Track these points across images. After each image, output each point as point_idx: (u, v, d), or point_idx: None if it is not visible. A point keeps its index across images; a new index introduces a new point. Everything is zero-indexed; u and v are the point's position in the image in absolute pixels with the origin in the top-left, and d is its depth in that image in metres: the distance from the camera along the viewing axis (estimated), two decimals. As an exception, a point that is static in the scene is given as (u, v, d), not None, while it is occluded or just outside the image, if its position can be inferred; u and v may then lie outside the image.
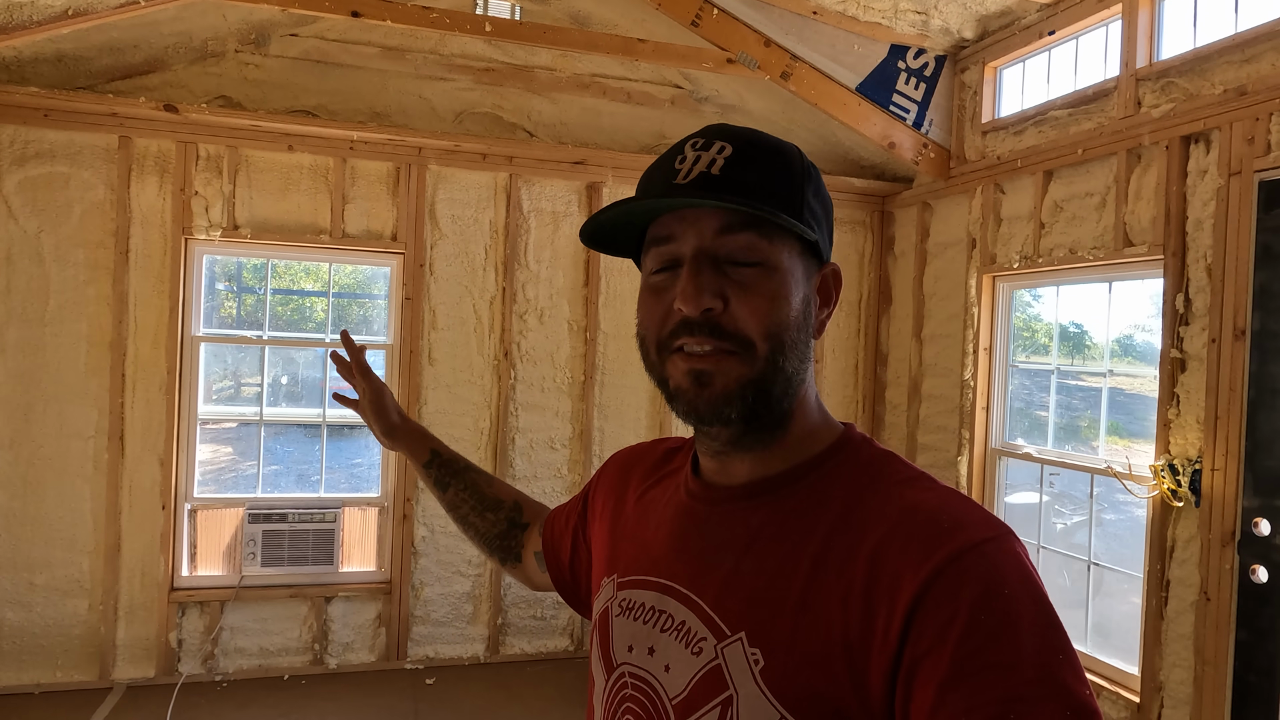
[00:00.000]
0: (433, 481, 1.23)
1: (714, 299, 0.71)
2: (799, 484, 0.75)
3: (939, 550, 0.62)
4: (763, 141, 0.75)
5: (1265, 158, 2.53)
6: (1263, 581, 2.48)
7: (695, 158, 0.74)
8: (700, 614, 0.73)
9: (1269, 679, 2.45)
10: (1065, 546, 3.44)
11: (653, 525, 0.85)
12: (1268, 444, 2.49)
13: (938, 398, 4.04)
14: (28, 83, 3.50)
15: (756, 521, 0.75)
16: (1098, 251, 3.15)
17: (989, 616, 0.59)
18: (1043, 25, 3.44)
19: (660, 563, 0.80)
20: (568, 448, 4.16)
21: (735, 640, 0.70)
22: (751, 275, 0.72)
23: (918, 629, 0.60)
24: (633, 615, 0.80)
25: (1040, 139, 3.46)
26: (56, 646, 3.57)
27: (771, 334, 0.72)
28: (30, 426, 3.53)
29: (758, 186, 0.72)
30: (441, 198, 3.98)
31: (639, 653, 0.77)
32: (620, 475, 0.97)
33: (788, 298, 0.72)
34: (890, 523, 0.67)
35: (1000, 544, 0.63)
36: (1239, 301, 2.60)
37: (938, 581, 0.61)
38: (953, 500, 0.68)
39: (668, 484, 0.89)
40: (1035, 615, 0.59)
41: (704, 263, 0.72)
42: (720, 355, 0.72)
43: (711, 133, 0.75)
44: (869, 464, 0.75)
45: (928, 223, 4.18)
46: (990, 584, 0.60)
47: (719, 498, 0.79)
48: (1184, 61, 2.83)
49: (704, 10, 3.64)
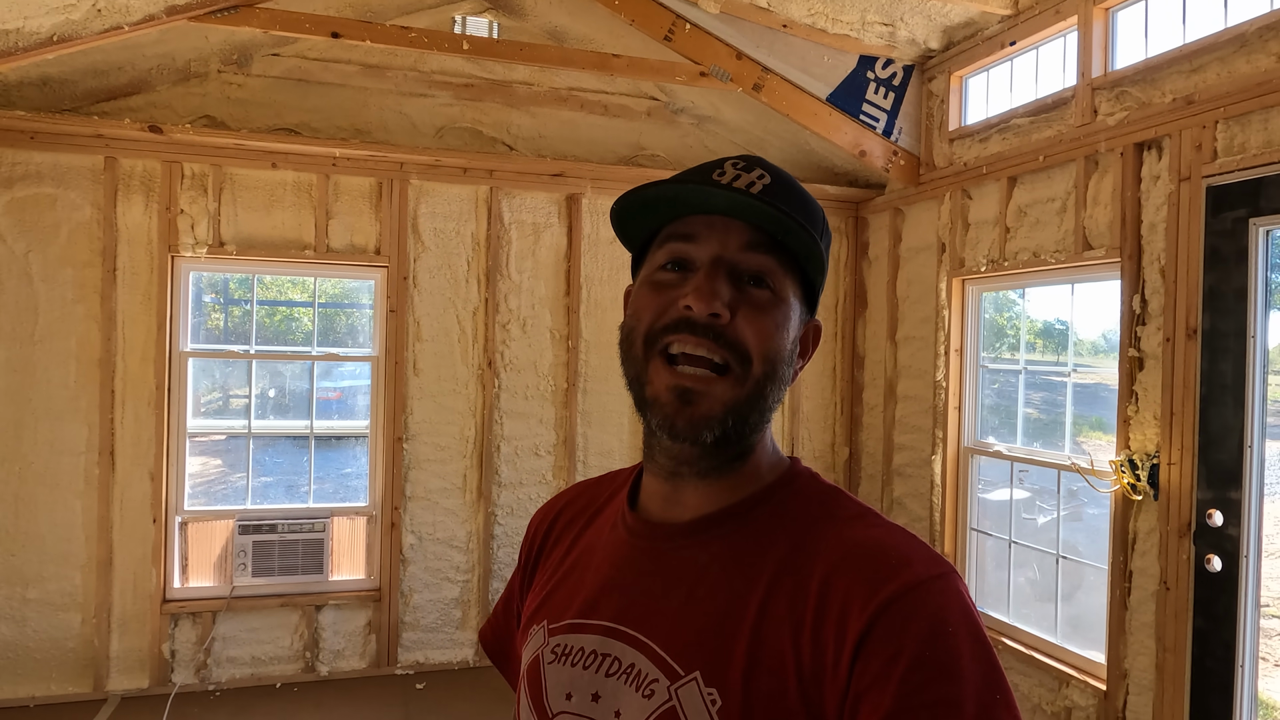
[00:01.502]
0: None
1: (724, 307, 0.71)
2: (746, 518, 0.75)
3: (886, 586, 0.64)
4: (797, 187, 0.77)
5: (1212, 164, 2.65)
6: (1217, 570, 2.58)
7: (735, 175, 0.74)
8: (650, 655, 0.71)
9: (1224, 664, 2.55)
10: (1043, 542, 3.54)
11: (591, 568, 0.82)
12: (1219, 439, 2.60)
13: (912, 398, 4.14)
14: (14, 106, 3.56)
15: (705, 557, 0.74)
16: (1059, 255, 3.26)
17: (933, 654, 0.60)
18: (1004, 36, 3.55)
19: (600, 605, 0.77)
20: (552, 454, 4.25)
21: (690, 680, 0.68)
22: (763, 297, 0.73)
23: (863, 662, 0.62)
24: (569, 661, 0.76)
25: (1004, 146, 3.57)
26: (50, 659, 3.62)
27: (768, 357, 0.72)
28: (21, 444, 3.58)
29: (795, 212, 0.73)
30: (424, 211, 4.06)
31: (580, 700, 0.74)
32: (548, 528, 0.92)
33: (787, 329, 0.74)
34: (838, 557, 0.68)
35: (944, 582, 0.65)
36: (1191, 302, 2.71)
37: (884, 616, 0.62)
38: (899, 537, 0.69)
39: (600, 523, 0.86)
40: (975, 654, 0.62)
41: (722, 271, 0.73)
42: (711, 377, 0.72)
43: (753, 160, 0.76)
44: (816, 499, 0.76)
45: (900, 228, 4.29)
46: (935, 622, 0.62)
47: (662, 534, 0.78)
48: (1136, 71, 2.94)
49: (676, 25, 3.74)
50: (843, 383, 4.65)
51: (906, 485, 4.16)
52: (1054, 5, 3.26)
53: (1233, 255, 2.58)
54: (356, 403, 5.92)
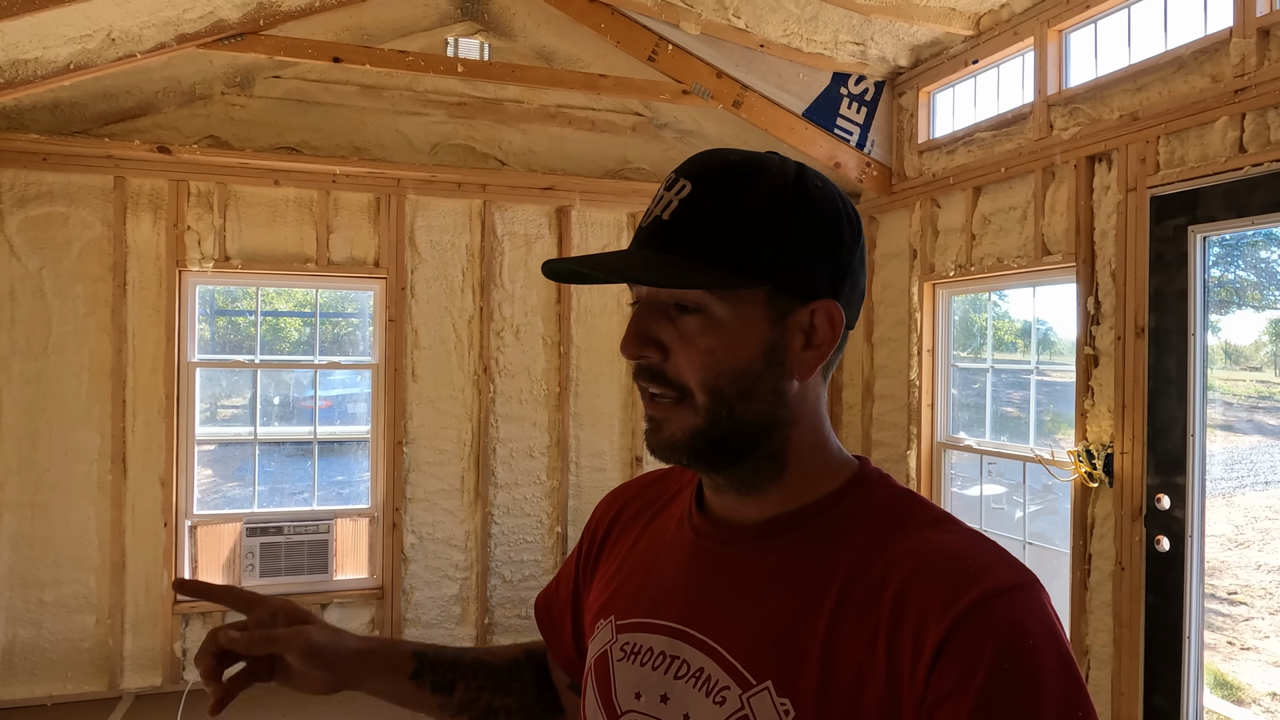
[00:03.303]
0: (430, 689, 0.92)
1: (648, 348, 0.71)
2: (815, 523, 0.73)
3: (966, 594, 0.61)
4: (729, 172, 0.71)
5: (1155, 175, 2.87)
6: (1166, 550, 2.80)
7: (659, 197, 0.72)
8: (721, 661, 0.70)
9: (1174, 635, 2.77)
10: (1003, 529, 3.76)
11: (658, 565, 0.81)
12: (1165, 429, 2.82)
13: (888, 397, 4.36)
14: (27, 129, 3.72)
15: (774, 562, 0.72)
16: (1021, 260, 3.48)
17: (1012, 666, 0.59)
18: (967, 54, 3.78)
19: (669, 606, 0.76)
20: (546, 455, 4.43)
21: (762, 689, 0.67)
22: (693, 326, 0.70)
23: (940, 672, 0.60)
24: (639, 660, 0.75)
25: (969, 158, 3.79)
26: (67, 660, 3.77)
27: (709, 386, 0.70)
28: (37, 453, 3.74)
29: (704, 232, 0.69)
30: (420, 225, 4.24)
31: (649, 700, 0.73)
32: (615, 516, 0.92)
33: (731, 349, 0.69)
34: (915, 563, 0.66)
35: (1027, 592, 0.63)
36: (1139, 303, 2.93)
37: (963, 625, 0.60)
38: (979, 543, 0.67)
39: (665, 519, 0.86)
40: (1057, 669, 0.60)
41: (648, 309, 0.72)
42: (671, 404, 0.71)
43: (684, 168, 0.72)
44: (889, 503, 0.73)
45: (874, 235, 4.51)
46: (1016, 633, 0.60)
47: (730, 537, 0.76)
48: (1087, 89, 3.17)
49: (659, 46, 3.94)
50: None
51: (884, 480, 4.36)
52: (1012, 27, 3.49)
53: (1174, 260, 2.80)
54: (346, 410, 6.10)
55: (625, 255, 0.71)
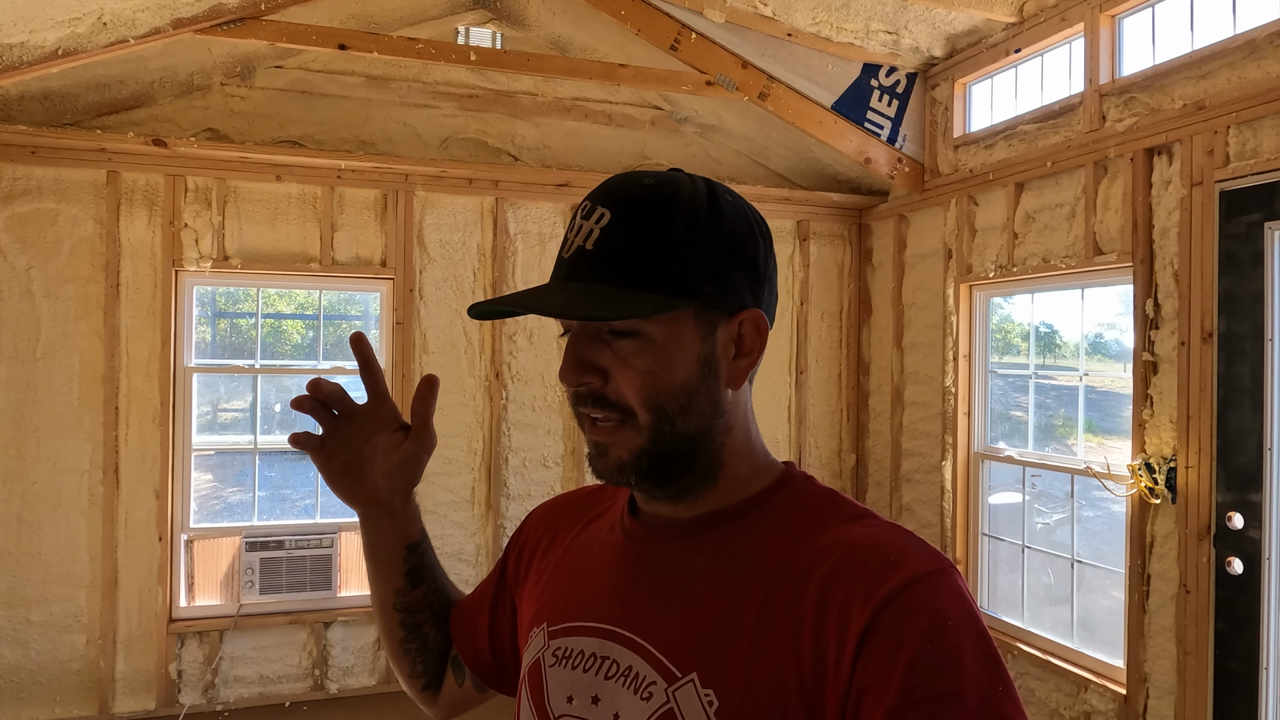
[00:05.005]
0: (406, 571, 0.97)
1: (589, 374, 0.73)
2: (741, 521, 0.75)
3: (886, 582, 0.64)
4: (647, 198, 0.72)
5: (1225, 169, 2.67)
6: (1239, 573, 2.59)
7: (578, 227, 0.73)
8: (648, 657, 0.72)
9: (1249, 666, 2.56)
10: (1047, 545, 3.55)
11: (588, 570, 0.83)
12: (1237, 442, 2.61)
13: (920, 404, 4.15)
14: (14, 121, 3.51)
15: (701, 560, 0.74)
16: (1069, 260, 3.27)
17: (934, 647, 0.61)
18: (1009, 43, 3.57)
19: (599, 608, 0.78)
20: (560, 465, 4.22)
21: (687, 682, 0.68)
22: (629, 348, 0.72)
23: (865, 657, 0.62)
24: (570, 664, 0.77)
25: (1010, 153, 3.58)
26: (55, 682, 3.55)
27: (651, 404, 0.72)
28: (24, 463, 3.53)
29: (632, 260, 0.70)
30: (429, 223, 4.03)
31: (580, 703, 0.75)
32: (547, 526, 0.94)
33: (669, 366, 0.72)
34: (838, 556, 0.68)
35: (943, 577, 0.65)
36: (1205, 306, 2.73)
37: (885, 612, 0.62)
38: (898, 534, 0.70)
39: (598, 526, 0.88)
40: (977, 648, 0.62)
41: (584, 337, 0.74)
42: (615, 427, 0.73)
43: (598, 195, 0.74)
44: (812, 501, 0.76)
45: (904, 234, 4.30)
46: (936, 616, 0.62)
47: (659, 536, 0.79)
48: (1145, 78, 2.97)
49: (682, 35, 3.74)
50: (848, 389, 4.65)
51: (915, 491, 4.16)
52: (1060, 12, 3.29)
53: (1248, 259, 2.59)
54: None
55: (560, 289, 0.72)
